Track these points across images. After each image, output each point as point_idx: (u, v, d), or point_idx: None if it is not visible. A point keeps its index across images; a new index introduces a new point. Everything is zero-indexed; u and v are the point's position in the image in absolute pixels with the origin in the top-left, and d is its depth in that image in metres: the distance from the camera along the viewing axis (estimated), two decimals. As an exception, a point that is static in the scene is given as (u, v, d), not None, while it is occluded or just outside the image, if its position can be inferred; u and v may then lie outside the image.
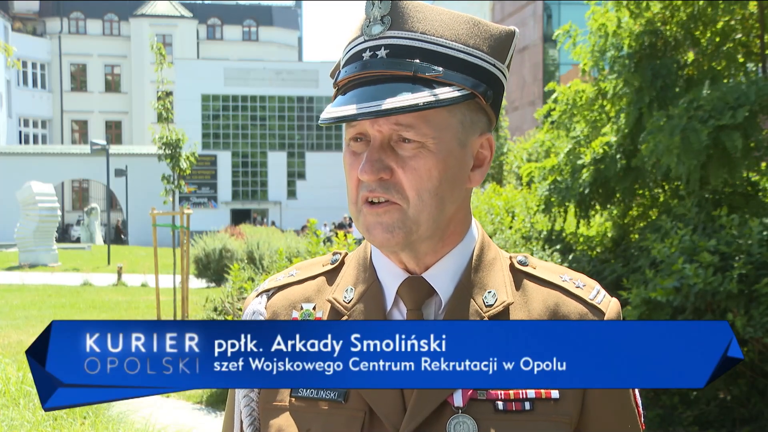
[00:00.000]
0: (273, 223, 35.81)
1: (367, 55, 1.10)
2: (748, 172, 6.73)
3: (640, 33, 7.13)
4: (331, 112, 1.09)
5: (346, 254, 1.26)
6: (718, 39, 7.25)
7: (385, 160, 1.08)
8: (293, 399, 1.14)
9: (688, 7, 7.15)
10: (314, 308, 1.20)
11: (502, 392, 1.08)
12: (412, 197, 1.09)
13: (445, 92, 1.07)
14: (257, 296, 1.25)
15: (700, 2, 7.03)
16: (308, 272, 1.25)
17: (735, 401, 6.23)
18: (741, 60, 7.35)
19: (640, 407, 1.19)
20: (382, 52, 1.09)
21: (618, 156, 7.06)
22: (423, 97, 1.06)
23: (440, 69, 1.08)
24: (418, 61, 1.08)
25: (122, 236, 39.23)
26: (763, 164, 6.77)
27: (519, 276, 1.18)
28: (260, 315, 1.22)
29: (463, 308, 1.13)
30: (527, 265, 1.19)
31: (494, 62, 1.13)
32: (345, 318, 1.16)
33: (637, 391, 1.19)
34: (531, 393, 1.08)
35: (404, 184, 1.09)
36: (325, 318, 1.18)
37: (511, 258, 1.20)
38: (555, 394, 1.09)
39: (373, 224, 1.10)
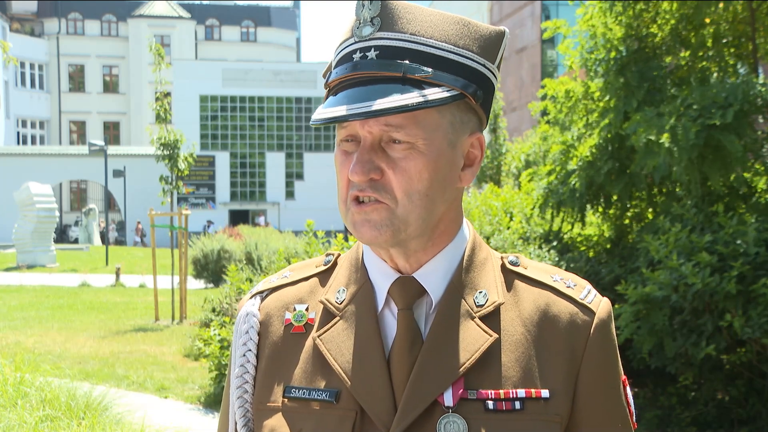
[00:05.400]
0: (268, 224, 35.71)
1: (357, 56, 1.11)
2: (743, 173, 6.71)
3: (624, 37, 7.09)
4: (321, 113, 1.10)
5: (339, 255, 1.27)
6: (708, 42, 7.20)
7: (375, 161, 1.09)
8: (286, 399, 1.15)
9: (677, 10, 7.10)
10: (307, 309, 1.21)
11: (493, 392, 1.08)
12: (401, 198, 1.09)
13: (435, 93, 1.08)
14: (251, 298, 1.26)
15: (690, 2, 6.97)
16: (301, 273, 1.27)
17: (733, 402, 6.23)
18: (731, 62, 7.32)
19: (632, 405, 1.19)
20: (372, 54, 1.10)
21: (606, 159, 7.01)
22: (412, 97, 1.06)
23: (429, 70, 1.09)
24: (407, 62, 1.09)
25: (113, 233, 39.23)
26: (760, 166, 6.75)
27: (510, 276, 1.18)
28: (253, 316, 1.23)
29: (454, 308, 1.13)
30: (518, 266, 1.20)
31: (484, 62, 1.14)
32: (337, 318, 1.17)
33: (628, 388, 1.19)
34: (521, 392, 1.09)
35: (394, 185, 1.09)
36: (317, 319, 1.19)
37: (502, 258, 1.21)
38: (545, 393, 1.09)
39: (361, 222, 1.10)
